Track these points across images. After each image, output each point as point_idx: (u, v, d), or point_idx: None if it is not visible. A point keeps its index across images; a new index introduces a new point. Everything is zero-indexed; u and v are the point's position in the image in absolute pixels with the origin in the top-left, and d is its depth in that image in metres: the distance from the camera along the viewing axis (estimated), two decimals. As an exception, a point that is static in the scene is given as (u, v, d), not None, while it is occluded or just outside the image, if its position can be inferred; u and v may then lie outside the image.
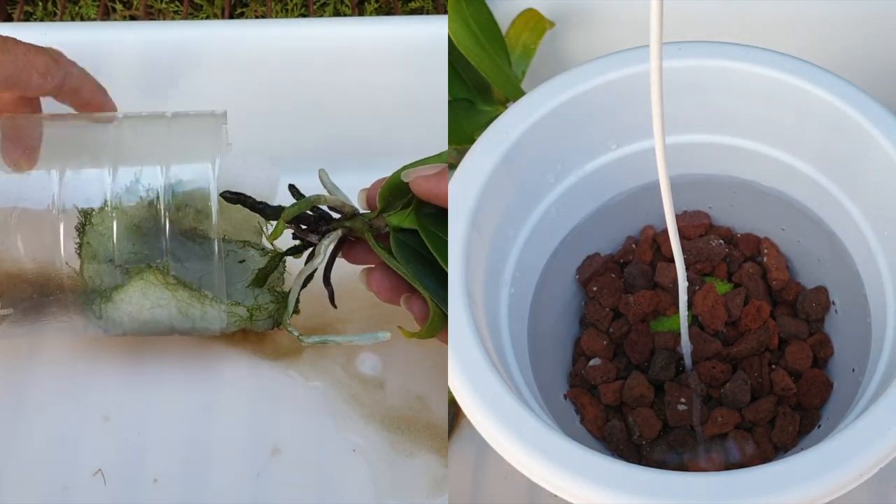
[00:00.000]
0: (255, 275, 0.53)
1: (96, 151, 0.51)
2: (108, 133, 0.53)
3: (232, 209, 0.53)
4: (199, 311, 0.51)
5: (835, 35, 0.64)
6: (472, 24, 0.60)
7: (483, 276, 0.48)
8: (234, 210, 0.54)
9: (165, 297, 0.50)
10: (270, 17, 0.82)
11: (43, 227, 0.50)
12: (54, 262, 0.50)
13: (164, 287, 0.50)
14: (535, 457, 0.41)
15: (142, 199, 0.50)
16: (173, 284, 0.50)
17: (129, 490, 0.51)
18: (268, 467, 0.52)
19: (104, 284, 0.50)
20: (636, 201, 0.55)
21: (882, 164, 0.48)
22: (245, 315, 0.52)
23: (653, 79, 0.42)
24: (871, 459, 0.40)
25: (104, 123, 0.53)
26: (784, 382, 0.52)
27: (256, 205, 0.52)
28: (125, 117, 0.54)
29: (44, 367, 0.55)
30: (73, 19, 0.90)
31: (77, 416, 0.54)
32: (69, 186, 0.50)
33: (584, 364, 0.54)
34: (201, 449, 0.53)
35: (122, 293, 0.50)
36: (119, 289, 0.50)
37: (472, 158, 0.49)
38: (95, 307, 0.51)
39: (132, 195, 0.50)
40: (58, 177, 0.50)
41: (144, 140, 0.52)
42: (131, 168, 0.51)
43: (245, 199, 0.51)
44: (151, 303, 0.50)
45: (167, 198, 0.50)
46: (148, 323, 0.51)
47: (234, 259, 0.54)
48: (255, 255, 0.55)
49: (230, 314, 0.52)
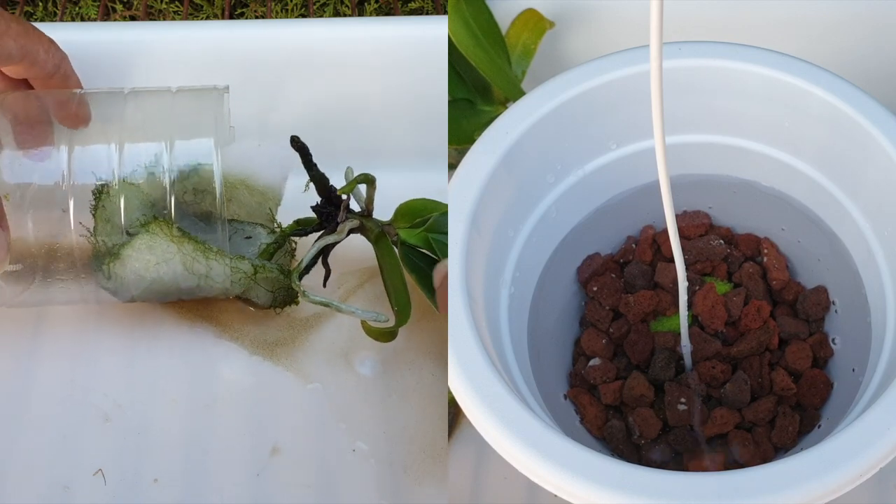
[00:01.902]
0: (263, 248, 0.54)
1: (104, 126, 0.52)
2: (116, 107, 0.53)
3: (245, 194, 0.54)
4: (204, 265, 0.52)
5: (835, 35, 0.64)
6: (472, 24, 0.60)
7: (483, 276, 0.48)
8: (249, 196, 0.55)
9: (171, 251, 0.51)
10: (270, 17, 0.82)
11: (53, 203, 0.50)
12: (65, 232, 0.51)
13: (170, 240, 0.51)
14: (535, 457, 0.41)
15: (153, 174, 0.51)
16: (178, 237, 0.51)
17: (129, 490, 0.51)
18: (268, 467, 0.52)
19: (115, 247, 0.51)
20: (636, 201, 0.55)
21: (882, 164, 0.48)
22: (249, 271, 0.53)
23: (653, 79, 0.42)
24: (871, 459, 0.40)
25: (109, 96, 0.54)
26: (784, 382, 0.52)
27: (310, 163, 0.53)
28: (130, 92, 0.54)
29: (44, 366, 0.56)
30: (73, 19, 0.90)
31: (77, 416, 0.54)
32: (78, 161, 0.51)
33: (584, 364, 0.54)
34: (201, 449, 0.53)
35: (129, 248, 0.51)
36: (126, 245, 0.51)
37: (472, 158, 0.49)
38: (105, 267, 0.51)
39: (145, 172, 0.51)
40: (67, 153, 0.51)
41: (150, 115, 0.53)
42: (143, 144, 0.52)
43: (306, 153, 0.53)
44: (157, 257, 0.51)
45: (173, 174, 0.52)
46: (155, 282, 0.52)
47: (241, 236, 0.55)
48: (262, 232, 0.56)
49: (234, 270, 0.52)
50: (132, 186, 0.51)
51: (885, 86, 0.59)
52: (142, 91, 0.55)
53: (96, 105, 0.53)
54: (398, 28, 0.64)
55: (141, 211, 0.51)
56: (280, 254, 0.56)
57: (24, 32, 0.52)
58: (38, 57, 0.53)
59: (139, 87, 0.55)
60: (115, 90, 0.55)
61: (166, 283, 0.52)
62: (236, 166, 0.55)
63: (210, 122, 0.53)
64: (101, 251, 0.51)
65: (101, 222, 0.51)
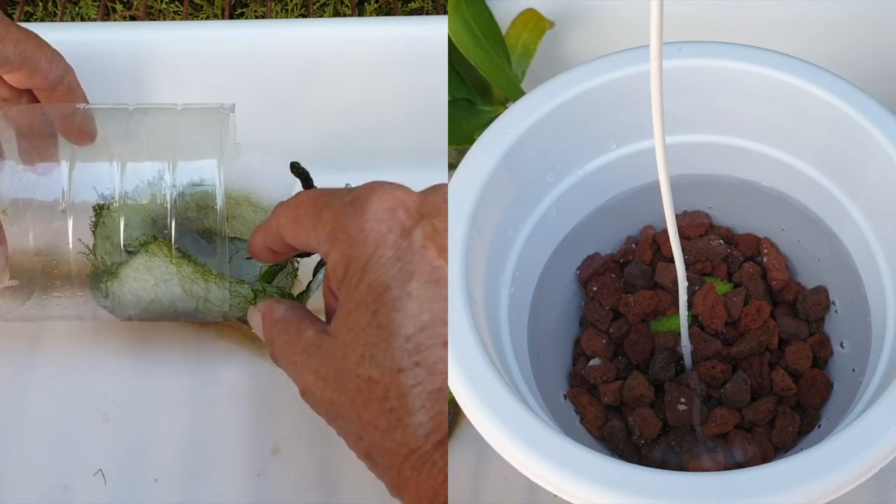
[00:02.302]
0: (264, 270, 0.54)
1: (107, 143, 0.52)
2: (120, 124, 0.53)
3: (249, 211, 0.54)
4: (203, 288, 0.51)
5: (835, 35, 0.64)
6: (472, 24, 0.60)
7: (483, 276, 0.48)
8: (252, 213, 0.54)
9: (170, 272, 0.50)
10: (270, 17, 0.82)
11: (53, 218, 0.50)
12: (63, 248, 0.50)
13: (169, 261, 0.50)
14: (535, 457, 0.41)
15: (154, 195, 0.51)
16: (178, 259, 0.50)
17: (129, 490, 0.51)
18: (268, 467, 0.52)
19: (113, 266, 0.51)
20: (636, 201, 0.55)
21: (882, 164, 0.48)
22: (249, 295, 0.52)
23: (653, 79, 0.42)
24: (871, 459, 0.40)
25: (113, 113, 0.54)
26: (784, 382, 0.52)
27: (313, 187, 0.52)
28: (135, 109, 0.54)
29: (44, 367, 0.55)
30: (73, 19, 0.90)
31: (77, 416, 0.54)
32: (79, 176, 0.50)
33: (584, 364, 0.54)
34: (201, 449, 0.53)
35: (127, 268, 0.50)
36: (125, 264, 0.50)
37: (472, 158, 0.49)
38: (103, 286, 0.51)
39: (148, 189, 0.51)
40: (68, 169, 0.50)
41: (155, 134, 0.53)
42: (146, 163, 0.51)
43: (307, 178, 0.52)
44: (156, 278, 0.50)
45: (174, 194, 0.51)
46: (152, 303, 0.52)
47: (243, 255, 0.54)
48: None
49: (234, 294, 0.52)
50: (133, 204, 0.50)
51: (885, 86, 0.58)
52: (148, 108, 0.54)
53: (100, 120, 0.53)
54: (398, 28, 0.64)
55: (141, 229, 0.51)
56: (282, 276, 0.55)
57: (24, 38, 0.52)
58: (40, 65, 0.52)
59: (145, 104, 0.54)
60: (119, 106, 0.54)
61: (164, 304, 0.52)
62: (240, 181, 0.54)
63: (215, 142, 0.52)
64: (99, 269, 0.51)
65: (101, 240, 0.50)
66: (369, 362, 0.39)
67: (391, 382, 0.39)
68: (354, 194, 0.42)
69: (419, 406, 0.39)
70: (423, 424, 0.38)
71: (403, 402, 0.39)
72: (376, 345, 0.39)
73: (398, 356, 0.39)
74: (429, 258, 0.40)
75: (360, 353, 0.40)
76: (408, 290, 0.39)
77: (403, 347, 0.39)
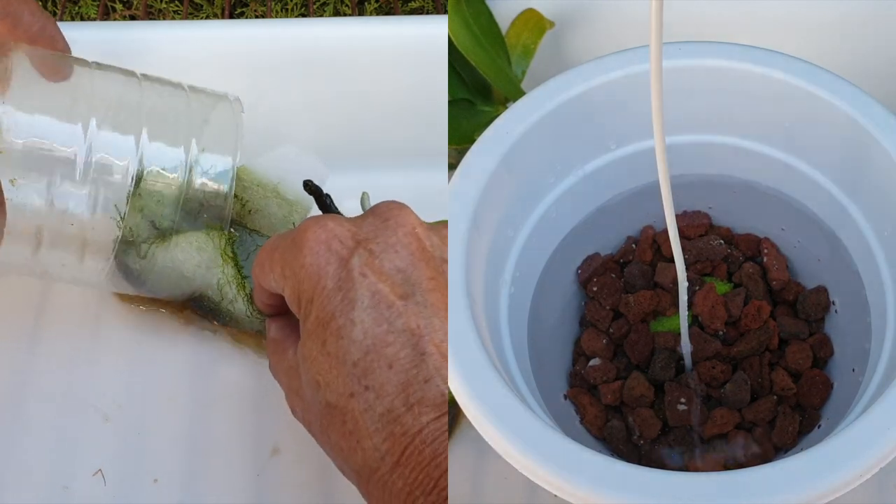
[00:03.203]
0: None
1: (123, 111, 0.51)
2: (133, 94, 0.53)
3: (274, 205, 0.54)
4: (233, 294, 0.52)
5: (835, 35, 0.64)
6: (472, 24, 0.60)
7: (483, 276, 0.48)
8: (277, 207, 0.54)
9: (216, 263, 0.51)
10: (270, 16, 0.82)
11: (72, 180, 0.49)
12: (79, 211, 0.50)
13: (220, 253, 0.51)
14: (535, 457, 0.41)
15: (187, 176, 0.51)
16: (228, 257, 0.51)
17: (129, 490, 0.51)
18: (268, 467, 0.52)
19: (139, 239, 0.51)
20: (636, 201, 0.55)
21: (882, 165, 0.48)
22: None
23: (653, 79, 0.42)
24: (871, 459, 0.40)
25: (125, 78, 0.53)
26: (784, 382, 0.52)
27: (325, 206, 0.53)
28: (144, 78, 0.53)
29: (44, 367, 0.55)
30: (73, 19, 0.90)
31: (77, 416, 0.54)
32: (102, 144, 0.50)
33: (584, 364, 0.54)
34: (201, 449, 0.53)
35: (181, 237, 0.51)
36: (180, 233, 0.50)
37: (472, 158, 0.49)
38: (145, 245, 0.51)
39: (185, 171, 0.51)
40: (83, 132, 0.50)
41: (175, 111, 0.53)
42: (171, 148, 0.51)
43: (320, 196, 0.53)
44: (201, 260, 0.51)
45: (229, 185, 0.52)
46: (184, 279, 0.52)
47: None
48: None
49: (255, 314, 0.53)
50: (169, 181, 0.50)
51: (885, 86, 0.58)
52: (155, 80, 0.54)
53: (113, 84, 0.52)
54: (398, 28, 0.64)
55: (172, 207, 0.51)
56: None
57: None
58: (23, 18, 0.52)
59: (150, 75, 0.54)
60: (127, 71, 0.54)
61: (193, 286, 0.52)
62: (273, 171, 0.54)
63: (235, 134, 0.52)
64: (127, 238, 0.51)
65: (135, 211, 0.50)
66: (325, 389, 0.42)
67: (346, 407, 0.41)
68: (294, 233, 0.44)
69: (373, 429, 0.40)
70: (378, 447, 0.40)
71: (357, 426, 0.41)
72: (329, 371, 0.41)
73: (349, 381, 0.41)
74: (367, 284, 0.42)
75: (316, 380, 0.42)
76: (351, 317, 0.41)
77: (352, 373, 0.41)
